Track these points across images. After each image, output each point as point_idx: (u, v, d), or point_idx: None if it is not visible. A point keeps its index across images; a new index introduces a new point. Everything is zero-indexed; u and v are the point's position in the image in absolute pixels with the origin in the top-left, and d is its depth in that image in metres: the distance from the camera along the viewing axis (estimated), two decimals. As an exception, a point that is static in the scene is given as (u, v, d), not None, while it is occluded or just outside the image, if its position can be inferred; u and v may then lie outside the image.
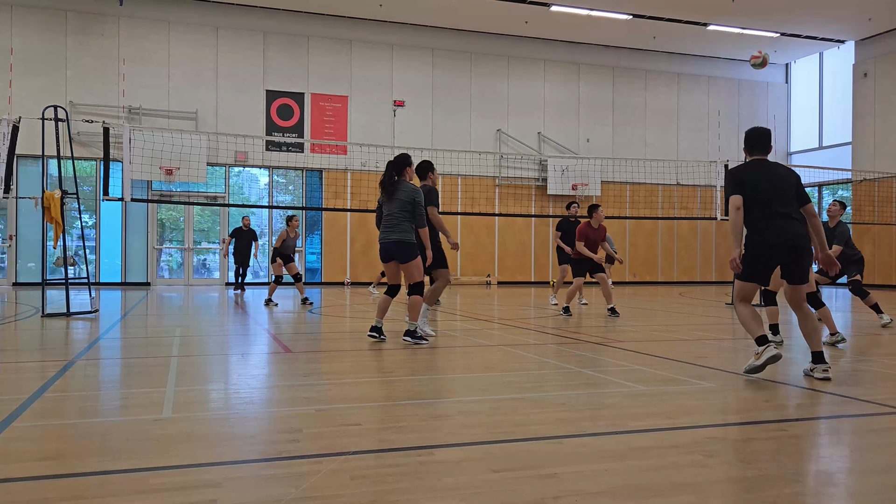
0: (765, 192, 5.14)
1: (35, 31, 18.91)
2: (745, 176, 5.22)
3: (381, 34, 21.67)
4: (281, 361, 6.09)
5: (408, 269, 6.80)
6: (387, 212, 6.85)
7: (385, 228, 6.84)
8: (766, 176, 5.20)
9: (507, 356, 6.34)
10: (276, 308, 12.00)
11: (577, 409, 4.10)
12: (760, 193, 5.14)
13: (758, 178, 5.20)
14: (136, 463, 2.95)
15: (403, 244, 6.73)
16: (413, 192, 6.80)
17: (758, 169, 5.26)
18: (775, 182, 5.19)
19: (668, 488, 2.69)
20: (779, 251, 5.10)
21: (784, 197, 5.16)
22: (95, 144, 18.37)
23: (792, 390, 4.79)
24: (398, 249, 6.75)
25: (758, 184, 5.17)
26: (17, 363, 5.91)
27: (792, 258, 5.12)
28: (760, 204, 5.13)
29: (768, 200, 5.12)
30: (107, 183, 11.57)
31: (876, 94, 22.37)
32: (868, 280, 22.40)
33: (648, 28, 21.84)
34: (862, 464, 3.11)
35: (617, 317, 10.09)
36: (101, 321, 9.23)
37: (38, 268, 18.51)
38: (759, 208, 5.14)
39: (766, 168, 5.27)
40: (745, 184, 5.19)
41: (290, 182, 21.59)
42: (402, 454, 3.12)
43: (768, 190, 5.14)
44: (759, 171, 5.24)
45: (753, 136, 5.42)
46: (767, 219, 5.10)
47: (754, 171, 5.25)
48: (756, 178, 5.20)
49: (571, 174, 22.49)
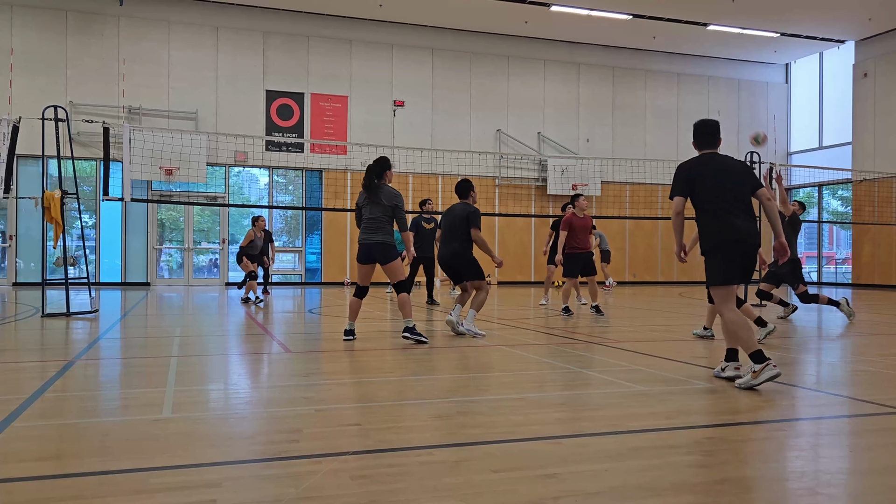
0: (721, 188, 4.96)
1: (35, 31, 18.91)
2: (696, 173, 5.04)
3: (381, 34, 21.67)
4: (281, 361, 6.09)
5: (390, 270, 7.02)
6: (369, 214, 7.04)
7: (367, 230, 7.02)
8: (719, 171, 5.03)
9: (507, 356, 6.34)
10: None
11: (577, 409, 4.10)
12: (716, 189, 4.96)
13: (711, 173, 5.01)
14: (135, 463, 2.95)
15: (387, 246, 6.92)
16: (394, 197, 7.02)
17: (711, 164, 5.07)
18: (730, 177, 5.02)
19: (667, 488, 2.69)
20: (743, 247, 4.95)
21: (739, 192, 5.00)
22: (95, 144, 18.37)
23: (791, 390, 4.79)
24: (381, 251, 6.93)
25: (712, 179, 4.99)
26: (17, 363, 5.91)
27: (748, 257, 5.00)
28: (716, 200, 4.95)
29: (725, 196, 4.95)
30: (107, 183, 11.57)
31: (876, 94, 22.37)
32: (868, 280, 22.46)
33: (648, 28, 21.84)
34: (862, 464, 3.11)
35: (601, 315, 10.12)
36: (101, 321, 9.23)
37: (38, 268, 18.52)
38: (715, 205, 4.95)
39: (720, 161, 5.09)
40: (697, 181, 5.01)
41: (290, 182, 21.59)
42: (402, 454, 3.12)
43: (724, 185, 4.97)
44: (711, 165, 5.06)
45: (702, 130, 5.22)
46: (725, 214, 4.93)
47: (708, 165, 5.07)
48: (709, 174, 5.01)
49: (571, 174, 22.49)
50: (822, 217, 25.43)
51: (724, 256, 4.93)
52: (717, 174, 5.02)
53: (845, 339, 8.13)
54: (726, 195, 4.96)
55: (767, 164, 14.50)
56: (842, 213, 25.24)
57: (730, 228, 4.90)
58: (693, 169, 5.07)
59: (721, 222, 4.93)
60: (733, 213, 4.93)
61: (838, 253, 25.56)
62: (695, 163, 5.14)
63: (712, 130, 5.21)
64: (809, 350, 7.10)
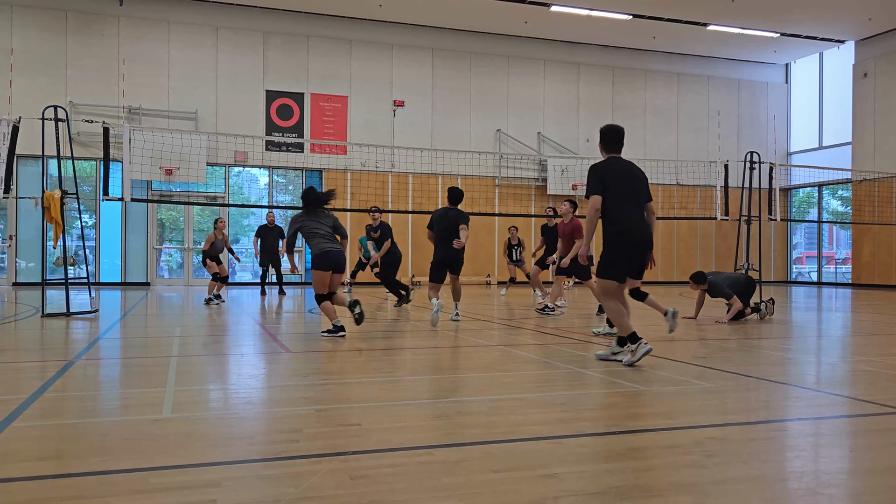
0: (627, 190, 5.39)
1: (35, 31, 18.91)
2: (609, 174, 5.42)
3: (381, 34, 21.67)
4: (281, 361, 6.09)
5: (340, 278, 7.86)
6: (322, 231, 7.81)
7: (328, 242, 7.79)
8: (626, 174, 5.48)
9: (507, 356, 6.34)
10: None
11: (577, 409, 4.10)
12: (623, 192, 5.38)
13: (620, 176, 5.45)
14: (135, 463, 2.95)
15: (343, 257, 7.80)
16: (335, 219, 8.05)
17: (618, 167, 5.51)
18: (634, 182, 5.48)
19: (667, 488, 2.69)
20: (642, 247, 5.45)
21: (640, 195, 5.48)
22: (95, 144, 18.37)
23: (791, 390, 4.79)
24: (342, 261, 7.75)
25: (621, 182, 5.40)
26: (17, 363, 5.91)
27: (646, 256, 5.53)
28: (623, 202, 5.37)
29: (630, 198, 5.40)
30: (107, 183, 11.56)
31: (876, 94, 22.37)
32: (868, 280, 22.47)
33: (648, 28, 21.84)
34: (862, 464, 3.11)
35: (556, 313, 10.34)
36: (101, 321, 9.23)
37: (38, 268, 18.52)
38: (621, 206, 5.37)
39: (625, 166, 5.53)
40: (608, 181, 5.39)
41: (290, 182, 21.59)
42: (402, 454, 3.12)
43: (630, 188, 5.41)
44: (619, 169, 5.50)
45: (611, 134, 5.62)
46: (629, 216, 5.38)
47: (616, 169, 5.48)
48: (618, 177, 5.43)
49: (571, 174, 22.49)
50: (822, 217, 25.43)
51: (627, 254, 5.47)
52: (626, 177, 5.50)
53: (845, 339, 8.13)
54: (631, 198, 5.44)
55: (768, 165, 14.50)
56: (842, 213, 25.24)
57: (635, 228, 5.41)
58: (606, 171, 5.49)
59: (628, 223, 5.40)
60: (635, 215, 5.43)
61: (838, 253, 25.56)
62: (605, 165, 5.56)
63: (620, 137, 5.69)
64: (809, 350, 7.10)
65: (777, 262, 25.82)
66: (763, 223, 19.24)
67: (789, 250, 26.38)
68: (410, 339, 7.90)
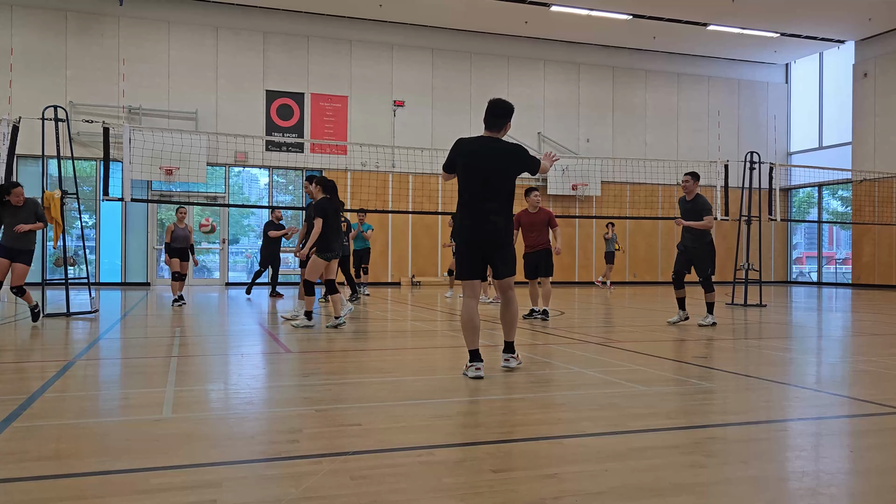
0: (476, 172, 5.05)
1: (35, 31, 18.91)
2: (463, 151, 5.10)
3: (381, 34, 21.67)
4: (281, 361, 6.09)
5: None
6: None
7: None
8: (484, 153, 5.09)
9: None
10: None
11: (577, 409, 4.10)
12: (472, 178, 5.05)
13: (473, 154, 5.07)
14: (136, 463, 2.95)
15: None
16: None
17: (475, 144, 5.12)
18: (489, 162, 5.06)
19: (668, 488, 2.69)
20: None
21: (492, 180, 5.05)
22: (95, 144, 18.37)
23: (791, 390, 4.79)
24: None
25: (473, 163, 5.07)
26: (17, 363, 5.91)
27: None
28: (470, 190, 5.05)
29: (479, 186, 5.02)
30: (107, 183, 11.57)
31: (876, 94, 22.37)
32: (868, 280, 22.47)
33: (648, 28, 21.84)
34: (862, 464, 3.11)
35: (546, 320, 9.46)
36: (101, 321, 9.23)
37: (38, 268, 18.51)
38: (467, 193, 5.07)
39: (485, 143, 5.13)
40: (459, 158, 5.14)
41: (290, 182, 21.59)
42: (402, 454, 3.12)
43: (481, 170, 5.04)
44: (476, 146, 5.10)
45: (488, 108, 5.17)
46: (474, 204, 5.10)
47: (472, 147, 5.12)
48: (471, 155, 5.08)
49: (571, 174, 22.49)
50: (822, 217, 25.42)
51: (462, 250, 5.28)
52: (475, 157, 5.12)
53: (845, 340, 8.13)
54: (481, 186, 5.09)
55: (768, 165, 14.50)
56: (842, 213, 25.23)
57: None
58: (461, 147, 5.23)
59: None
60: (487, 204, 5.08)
61: (838, 253, 25.55)
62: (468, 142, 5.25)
63: (502, 112, 5.16)
64: (809, 350, 7.10)
65: (777, 263, 25.82)
66: (763, 223, 19.23)
67: (789, 250, 26.38)
68: (411, 339, 7.90)
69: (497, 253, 5.09)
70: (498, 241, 5.05)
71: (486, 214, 5.02)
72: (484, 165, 5.06)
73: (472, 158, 5.07)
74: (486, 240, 5.05)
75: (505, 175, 5.08)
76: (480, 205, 5.03)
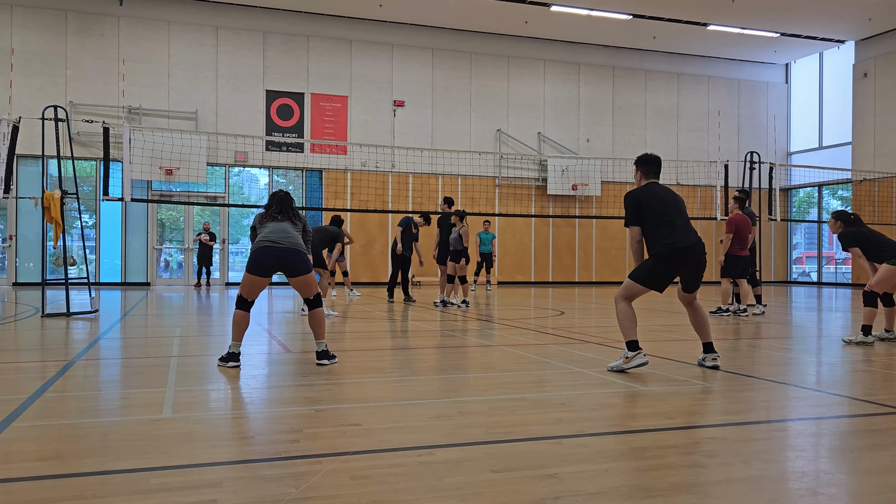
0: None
1: (35, 31, 18.91)
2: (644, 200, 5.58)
3: (381, 34, 21.67)
4: (281, 361, 6.09)
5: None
6: None
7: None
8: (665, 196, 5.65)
9: (507, 356, 6.34)
10: (285, 309, 12.04)
11: (577, 409, 4.10)
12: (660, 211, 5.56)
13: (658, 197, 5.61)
14: (136, 463, 2.95)
15: None
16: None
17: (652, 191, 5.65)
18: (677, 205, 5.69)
19: (667, 488, 2.69)
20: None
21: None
22: (95, 144, 18.38)
23: (792, 390, 4.79)
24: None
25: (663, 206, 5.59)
26: (17, 363, 5.91)
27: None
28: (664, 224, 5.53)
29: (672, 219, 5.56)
30: (107, 183, 11.57)
31: (876, 94, 22.37)
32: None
33: (648, 28, 21.84)
34: (862, 464, 3.11)
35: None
36: (101, 321, 9.23)
37: (38, 268, 18.52)
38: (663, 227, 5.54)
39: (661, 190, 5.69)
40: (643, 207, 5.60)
41: (290, 182, 21.59)
42: (402, 454, 3.12)
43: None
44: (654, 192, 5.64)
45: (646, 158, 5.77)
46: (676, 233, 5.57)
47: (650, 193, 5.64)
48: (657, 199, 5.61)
49: (571, 174, 22.49)
50: (822, 217, 25.42)
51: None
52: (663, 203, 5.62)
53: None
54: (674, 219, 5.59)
55: (768, 165, 14.50)
56: (842, 213, 25.20)
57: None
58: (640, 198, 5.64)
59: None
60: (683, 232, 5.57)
61: (838, 253, 25.55)
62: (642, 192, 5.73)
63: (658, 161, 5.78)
64: (809, 350, 7.10)
65: (777, 262, 25.83)
66: (763, 223, 19.22)
67: (789, 250, 26.38)
68: (411, 339, 7.90)
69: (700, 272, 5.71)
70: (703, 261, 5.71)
71: None
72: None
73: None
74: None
75: None
76: None
